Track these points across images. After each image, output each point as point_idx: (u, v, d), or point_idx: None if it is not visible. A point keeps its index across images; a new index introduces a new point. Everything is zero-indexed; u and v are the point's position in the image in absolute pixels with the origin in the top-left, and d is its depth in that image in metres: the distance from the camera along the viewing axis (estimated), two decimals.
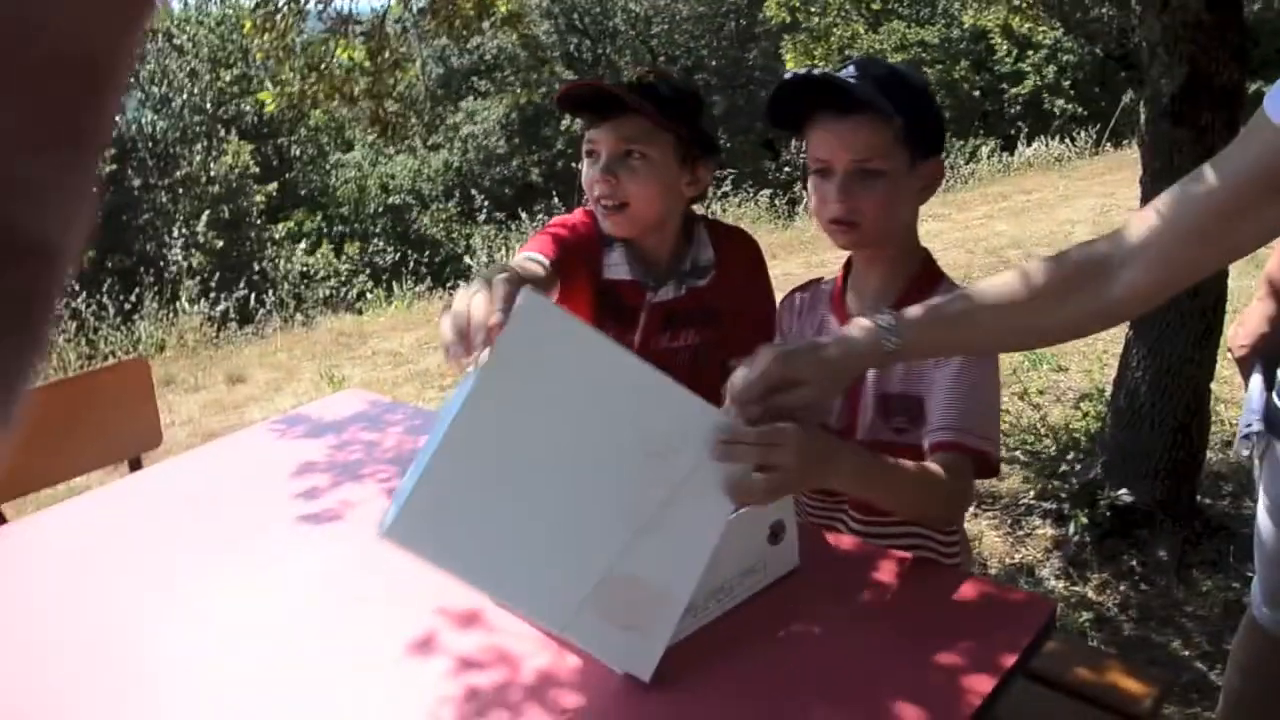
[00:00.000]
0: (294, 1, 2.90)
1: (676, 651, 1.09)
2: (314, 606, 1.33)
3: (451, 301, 1.07)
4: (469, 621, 1.24)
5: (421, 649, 1.20)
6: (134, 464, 2.27)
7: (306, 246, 11.16)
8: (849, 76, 1.35)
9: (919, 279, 1.43)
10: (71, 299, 6.73)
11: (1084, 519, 2.82)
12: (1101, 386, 3.58)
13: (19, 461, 1.87)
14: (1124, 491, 2.79)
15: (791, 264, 6.46)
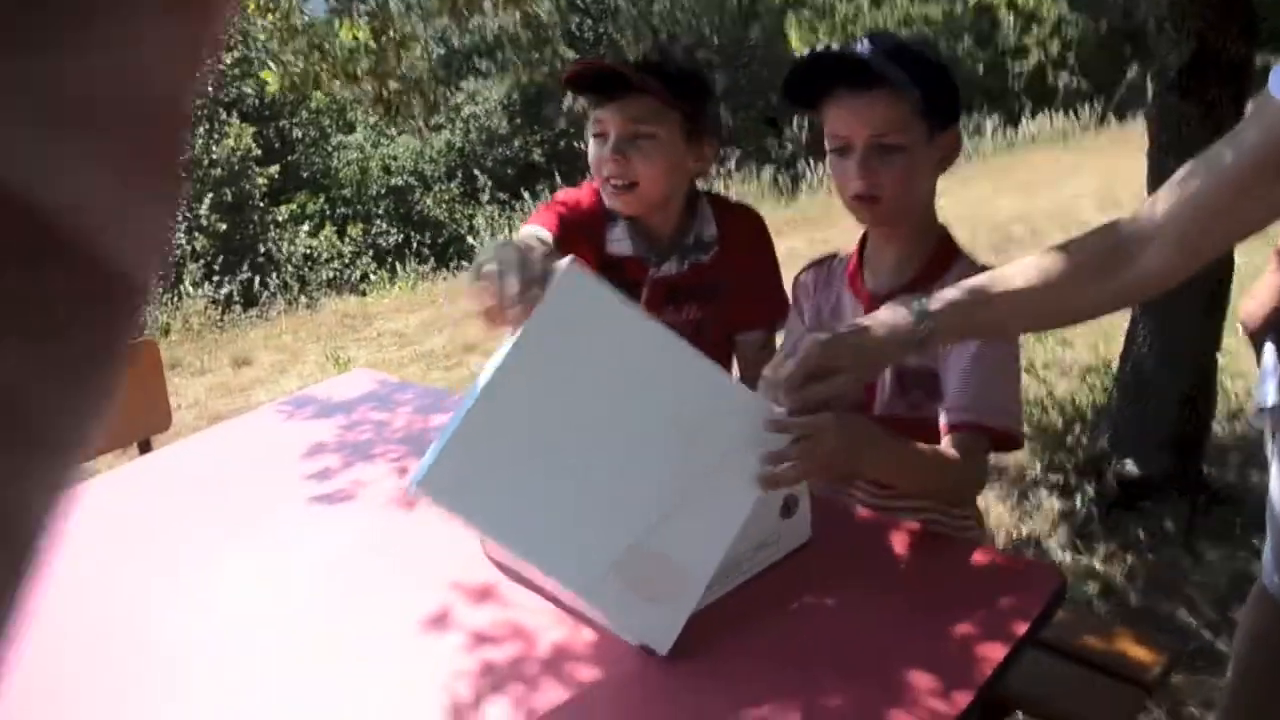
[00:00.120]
0: None
1: (690, 625, 1.10)
2: (328, 585, 1.34)
3: (482, 269, 1.08)
4: (483, 597, 1.25)
5: (436, 625, 1.21)
6: (143, 446, 2.27)
7: (310, 229, 11.15)
8: (863, 52, 1.34)
9: (937, 255, 1.43)
10: None
11: (1091, 491, 2.83)
12: (1107, 360, 3.58)
13: None
14: (1130, 463, 2.79)
15: (796, 240, 6.45)
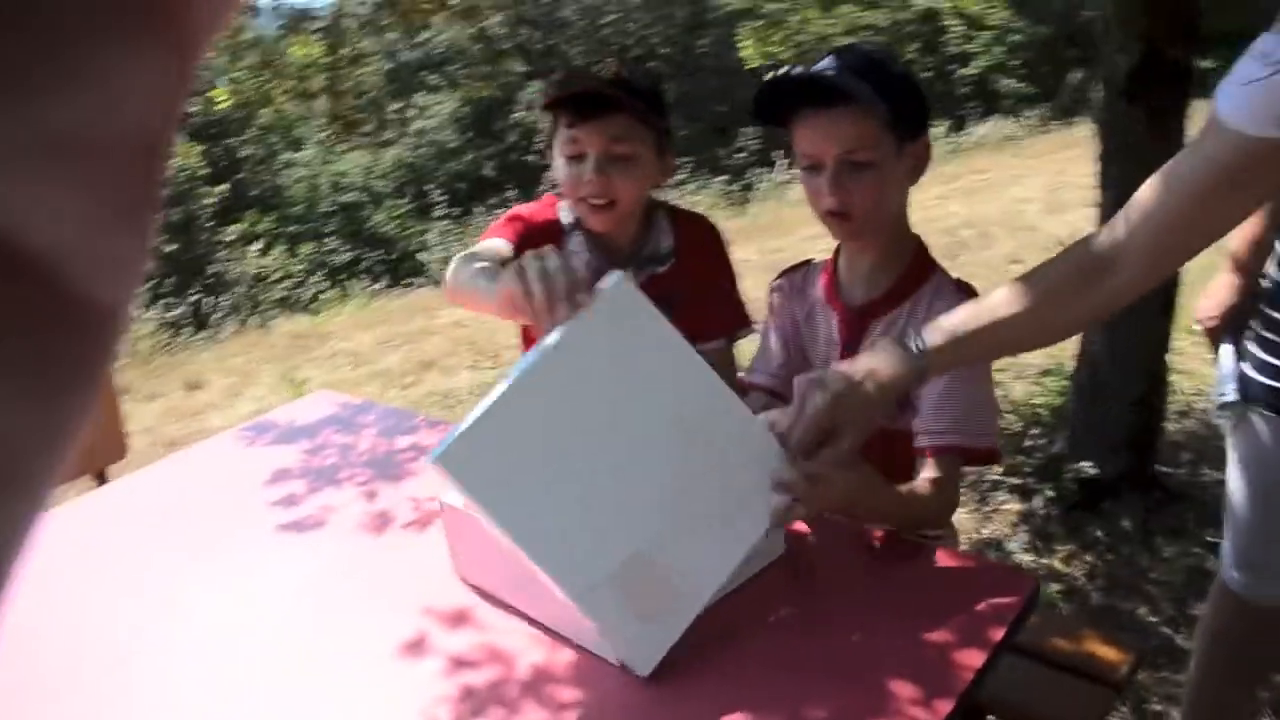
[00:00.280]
0: None
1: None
2: (300, 613, 1.32)
3: (528, 268, 1.11)
4: (458, 621, 1.24)
5: (413, 650, 1.20)
6: (99, 477, 2.23)
7: (260, 248, 11.01)
8: (827, 68, 1.35)
9: (913, 267, 1.45)
10: None
11: (1049, 492, 2.87)
12: (1062, 362, 3.64)
13: None
14: (1087, 464, 2.84)
15: (748, 250, 6.47)
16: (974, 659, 1.05)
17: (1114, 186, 2.67)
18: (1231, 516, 1.51)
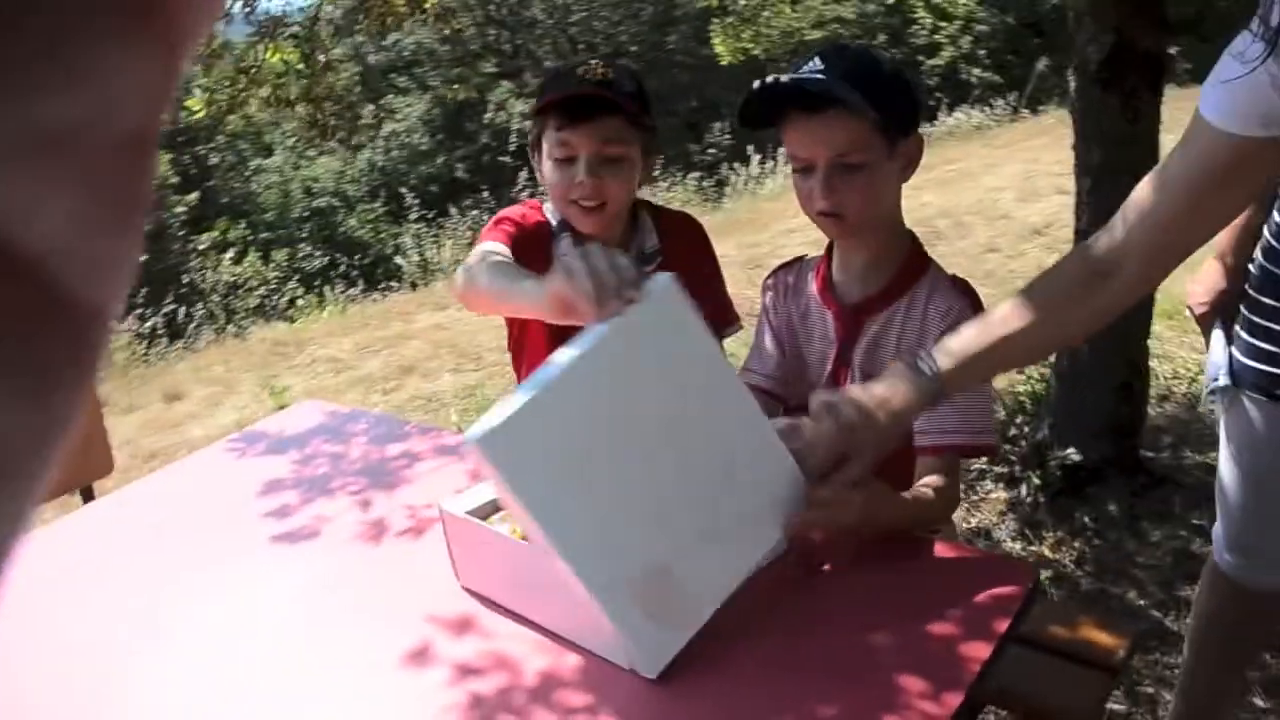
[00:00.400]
0: None
1: None
2: (300, 626, 1.31)
3: (571, 270, 1.10)
4: (462, 629, 1.24)
5: (417, 660, 1.19)
6: (85, 493, 2.21)
7: (233, 255, 10.92)
8: (815, 70, 1.34)
9: (908, 264, 1.46)
10: None
11: (1035, 480, 2.89)
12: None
13: None
14: (1072, 450, 2.86)
15: (725, 245, 6.47)
16: (980, 651, 1.06)
17: (1091, 173, 2.69)
18: (1223, 501, 1.53)
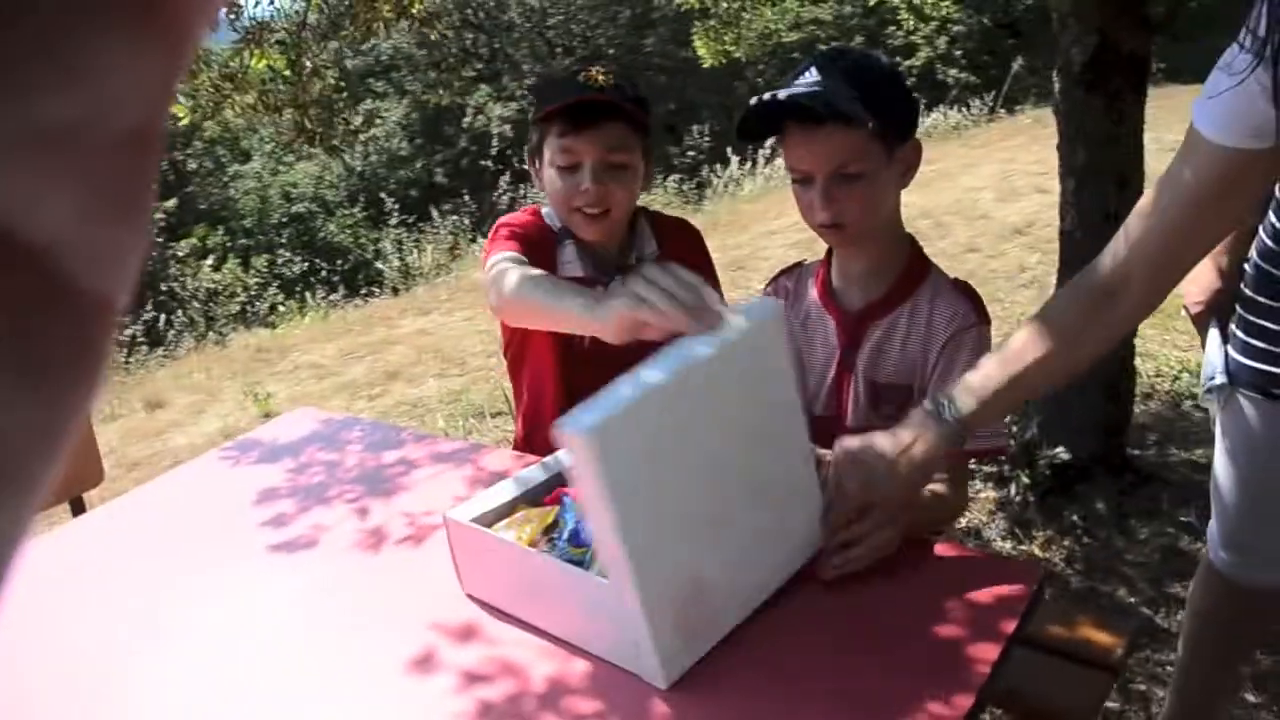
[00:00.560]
0: None
1: None
2: (302, 635, 1.30)
3: (639, 296, 1.10)
4: (467, 636, 1.23)
5: (422, 667, 1.19)
6: (75, 505, 2.18)
7: (213, 262, 10.85)
8: (811, 81, 1.33)
9: (909, 269, 1.46)
10: None
11: (1025, 479, 2.90)
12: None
13: None
14: (1061, 449, 2.88)
15: (708, 246, 6.48)
16: (988, 652, 1.07)
17: (1075, 174, 2.71)
18: (1218, 499, 1.54)
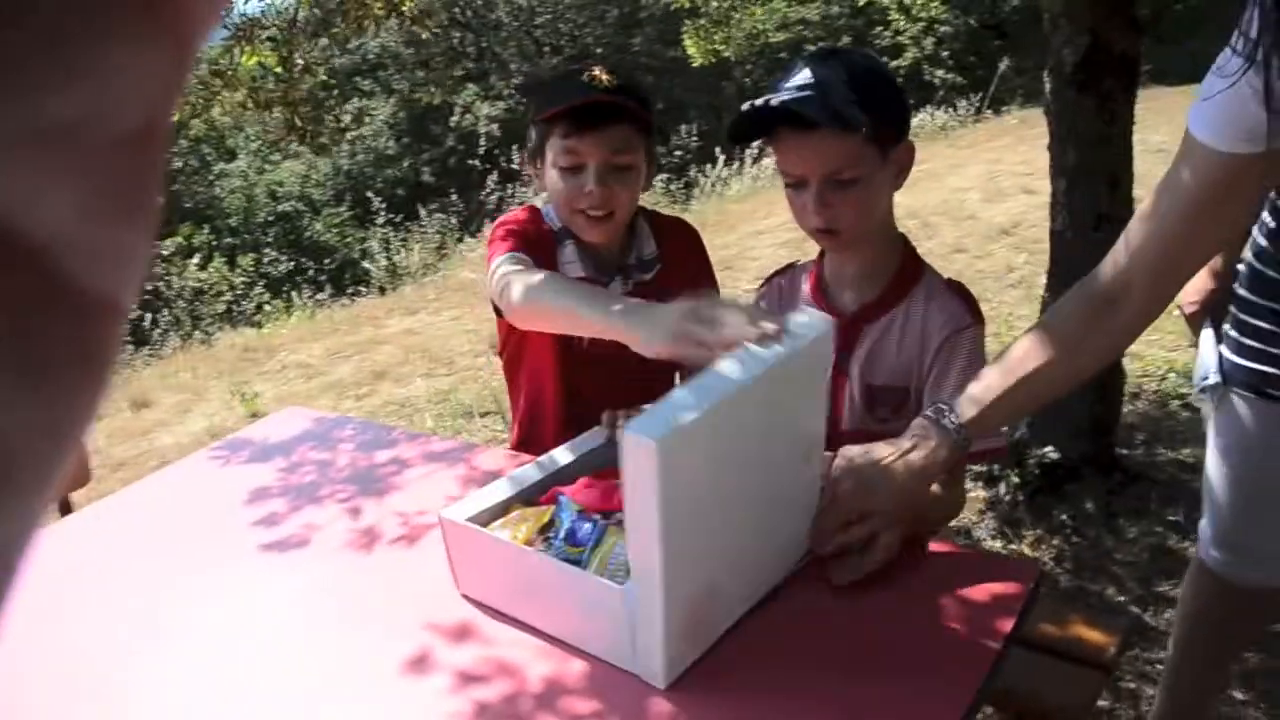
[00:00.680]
0: None
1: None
2: (297, 637, 1.29)
3: (702, 318, 1.11)
4: (462, 636, 1.23)
5: (417, 668, 1.18)
6: (63, 506, 2.16)
7: (199, 261, 10.80)
8: (803, 83, 1.31)
9: (903, 269, 1.45)
10: None
11: (1014, 478, 2.91)
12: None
13: None
14: (1050, 449, 2.89)
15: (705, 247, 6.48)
16: (987, 651, 1.07)
17: (1066, 174, 2.72)
18: (1211, 498, 1.54)
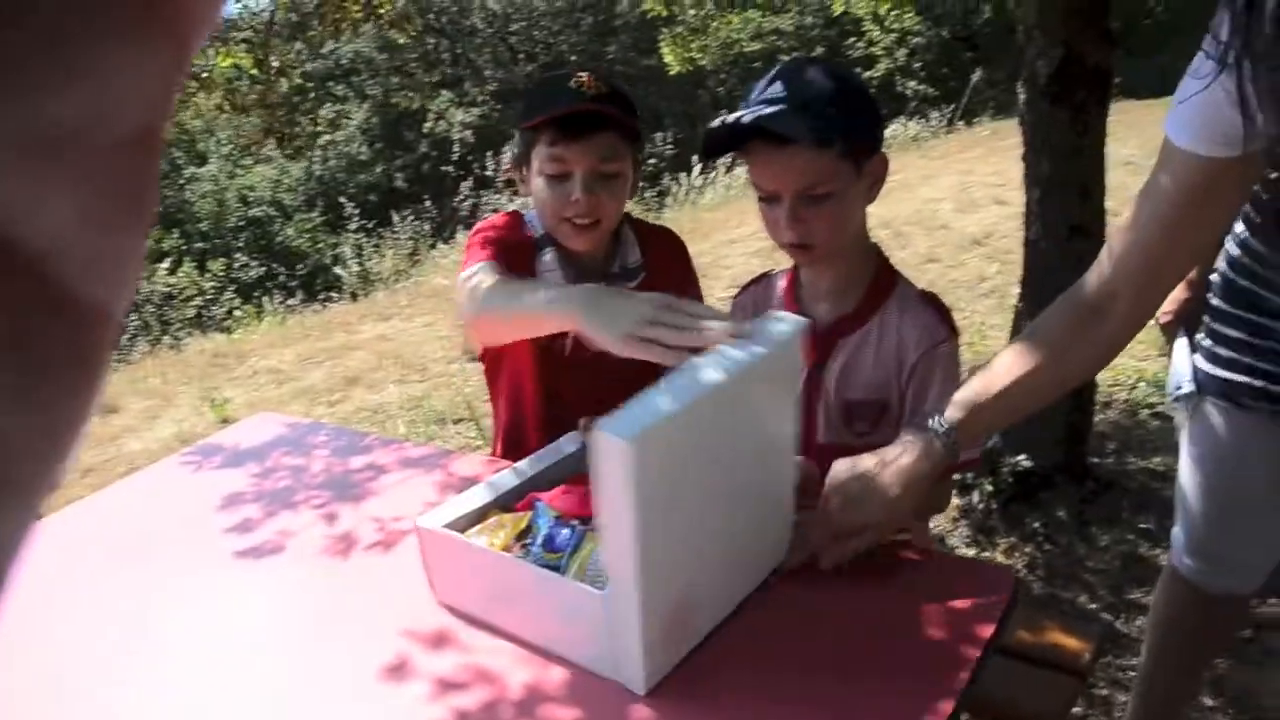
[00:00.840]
0: None
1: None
2: (272, 645, 1.28)
3: (655, 320, 1.12)
4: (440, 643, 1.22)
5: (395, 675, 1.17)
6: None
7: (168, 265, 10.68)
8: (776, 96, 1.29)
9: (877, 281, 1.45)
10: None
11: (988, 486, 2.93)
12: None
13: None
14: (1023, 457, 2.91)
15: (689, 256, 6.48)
16: (967, 658, 1.07)
17: (1040, 184, 2.74)
18: (1184, 506, 1.55)
